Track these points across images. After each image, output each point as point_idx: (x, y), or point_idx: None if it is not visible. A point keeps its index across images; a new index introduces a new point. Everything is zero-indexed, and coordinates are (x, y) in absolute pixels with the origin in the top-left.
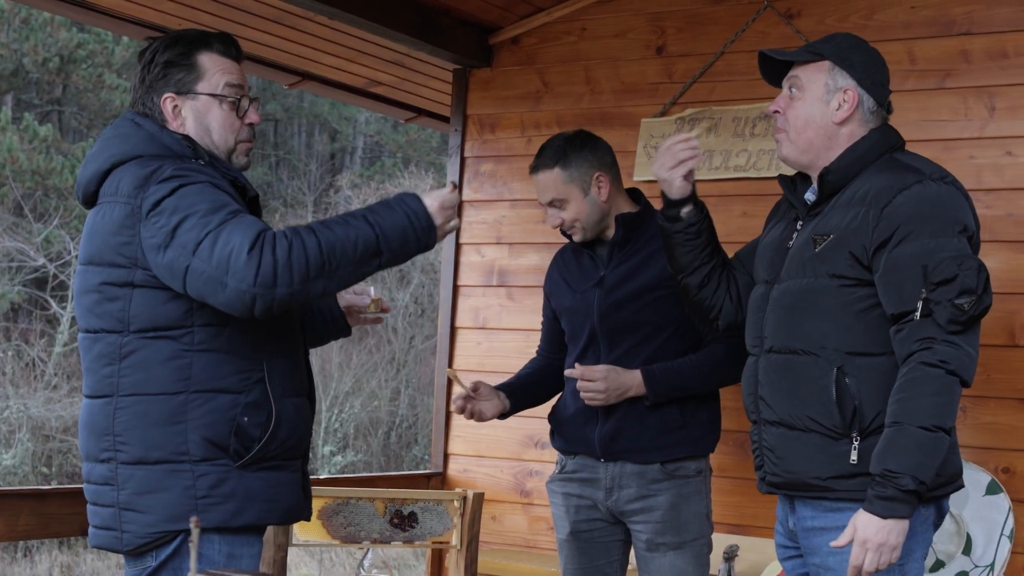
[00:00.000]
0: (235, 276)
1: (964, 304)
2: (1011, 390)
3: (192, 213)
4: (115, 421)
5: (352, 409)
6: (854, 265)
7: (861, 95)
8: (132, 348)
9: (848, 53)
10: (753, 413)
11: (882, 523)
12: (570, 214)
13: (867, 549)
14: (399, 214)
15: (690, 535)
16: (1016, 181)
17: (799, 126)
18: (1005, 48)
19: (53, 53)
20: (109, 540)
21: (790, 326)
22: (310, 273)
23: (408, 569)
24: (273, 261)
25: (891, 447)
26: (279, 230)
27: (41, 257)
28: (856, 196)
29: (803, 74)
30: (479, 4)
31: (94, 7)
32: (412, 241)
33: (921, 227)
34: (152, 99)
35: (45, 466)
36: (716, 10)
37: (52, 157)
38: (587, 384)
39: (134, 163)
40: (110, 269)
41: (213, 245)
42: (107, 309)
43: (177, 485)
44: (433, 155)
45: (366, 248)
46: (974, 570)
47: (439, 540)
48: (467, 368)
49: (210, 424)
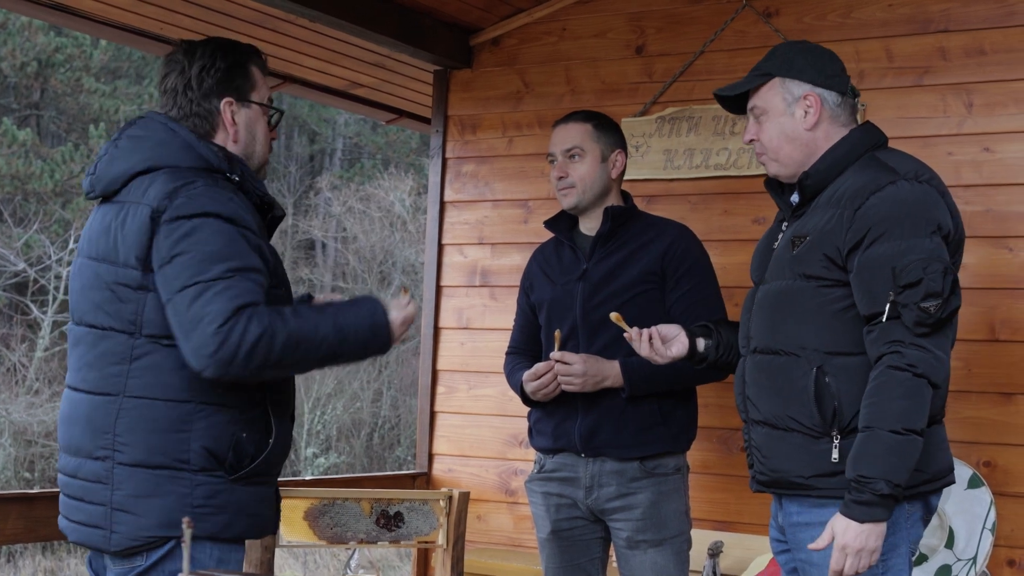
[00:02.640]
0: (199, 339)
1: (930, 307)
2: (992, 384)
3: (196, 252)
4: (118, 421)
5: (335, 411)
6: (829, 266)
7: (821, 94)
8: (145, 351)
9: (792, 61)
10: (743, 412)
11: (860, 527)
12: (580, 171)
13: (847, 554)
14: (365, 326)
15: (670, 532)
16: (994, 177)
17: (775, 146)
18: (982, 45)
19: (31, 57)
20: (95, 538)
21: (772, 327)
22: (268, 363)
23: (392, 570)
24: (239, 344)
25: (864, 452)
26: (258, 309)
27: (21, 262)
28: (833, 197)
29: (759, 100)
30: (459, 5)
31: (72, 11)
32: (369, 352)
33: (893, 228)
34: (210, 101)
35: (28, 471)
36: (695, 10)
37: (31, 161)
38: (565, 368)
39: (168, 171)
40: (126, 270)
41: (195, 299)
42: (119, 309)
43: (174, 492)
44: (413, 156)
45: (328, 351)
46: (956, 563)
47: (425, 540)
48: (451, 368)
49: (213, 436)
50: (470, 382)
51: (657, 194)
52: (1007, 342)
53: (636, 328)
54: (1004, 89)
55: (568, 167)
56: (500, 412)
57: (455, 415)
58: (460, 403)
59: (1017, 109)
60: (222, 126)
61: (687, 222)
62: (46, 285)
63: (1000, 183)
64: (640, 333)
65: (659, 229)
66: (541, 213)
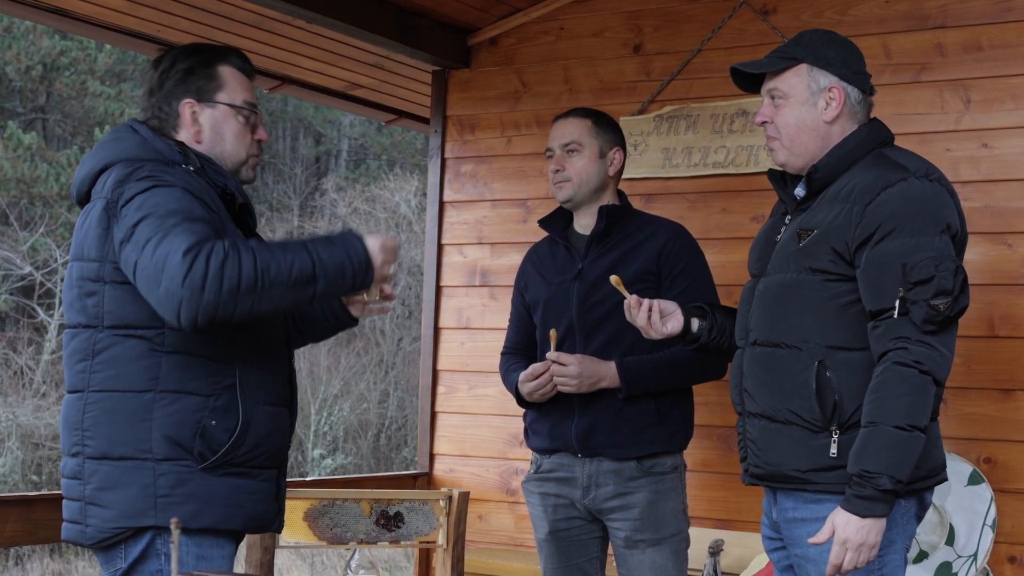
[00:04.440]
0: (167, 275)
1: (940, 305)
2: (991, 380)
3: (153, 213)
4: (84, 416)
5: (341, 412)
6: (836, 261)
7: (846, 89)
8: (105, 345)
9: (823, 50)
10: (738, 405)
11: (861, 522)
12: (576, 166)
13: (847, 548)
14: (339, 248)
15: (668, 531)
16: (992, 173)
17: (791, 133)
18: (980, 41)
19: (36, 61)
20: (75, 533)
21: (774, 320)
22: (241, 286)
23: (399, 570)
24: (205, 268)
25: (867, 447)
26: (222, 242)
27: (27, 265)
28: (841, 192)
29: (782, 83)
30: (457, 6)
31: (74, 15)
32: (348, 275)
33: (903, 225)
34: (169, 104)
35: (35, 474)
36: (692, 8)
37: (37, 165)
38: (560, 368)
39: (121, 164)
40: (87, 264)
41: (158, 244)
42: (84, 304)
43: (138, 482)
44: (418, 157)
45: (301, 273)
46: (957, 560)
47: (425, 540)
48: (451, 368)
49: (174, 424)
50: (470, 382)
51: (655, 192)
52: (1006, 338)
53: (636, 296)
54: (1002, 85)
55: (565, 161)
56: (501, 412)
57: (456, 415)
58: (460, 403)
59: (1015, 105)
60: (183, 126)
61: (685, 220)
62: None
63: (998, 179)
64: (640, 302)
65: (654, 228)
66: (540, 212)
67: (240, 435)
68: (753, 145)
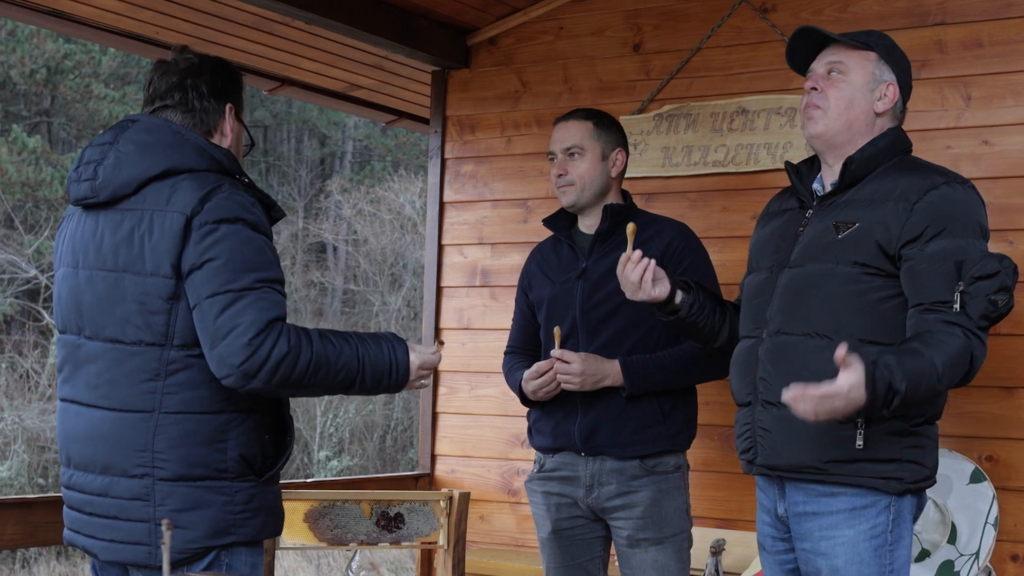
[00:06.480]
0: (228, 348)
1: (999, 300)
2: (993, 379)
3: (232, 260)
4: (156, 437)
5: (347, 414)
6: (878, 255)
7: (899, 93)
8: (178, 366)
9: (892, 52)
10: (749, 395)
11: (862, 401)
12: (579, 169)
13: (835, 404)
14: (385, 361)
15: (671, 530)
16: (993, 170)
17: (841, 106)
18: (980, 38)
19: (40, 64)
20: (138, 555)
21: (804, 310)
22: (288, 381)
23: (404, 571)
24: (265, 358)
25: (906, 362)
26: (288, 326)
27: (33, 268)
28: (881, 190)
29: (849, 59)
30: (456, 6)
31: (75, 19)
32: (382, 387)
33: (952, 226)
34: (215, 104)
35: (41, 477)
36: (692, 6)
37: (42, 168)
38: (564, 366)
39: (189, 176)
40: (157, 280)
41: (224, 308)
42: (149, 321)
43: (217, 501)
44: (422, 158)
45: (345, 378)
46: (959, 559)
47: (426, 540)
48: (452, 369)
49: (247, 443)
50: (471, 382)
51: (656, 191)
52: (1008, 336)
53: (639, 251)
54: (1002, 81)
55: (567, 165)
56: (502, 412)
57: (457, 416)
58: (462, 403)
59: (1015, 101)
60: (219, 130)
61: (686, 219)
62: None
63: (999, 176)
64: (640, 259)
65: (658, 227)
66: (540, 212)
67: (289, 446)
68: (753, 143)
